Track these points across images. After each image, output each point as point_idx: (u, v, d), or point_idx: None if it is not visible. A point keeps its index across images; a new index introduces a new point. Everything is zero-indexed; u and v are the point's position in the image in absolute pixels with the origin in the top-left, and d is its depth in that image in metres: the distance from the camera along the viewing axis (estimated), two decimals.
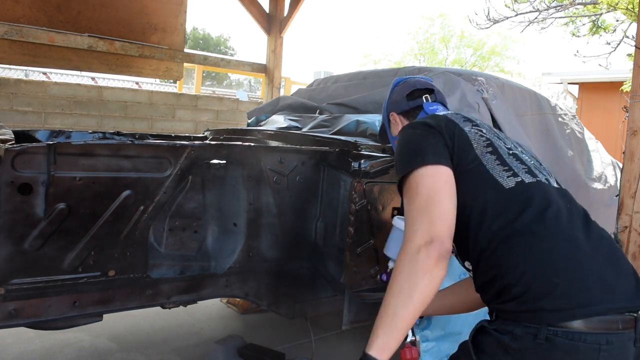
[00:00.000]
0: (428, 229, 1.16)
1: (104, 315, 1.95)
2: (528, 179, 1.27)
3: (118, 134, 2.96)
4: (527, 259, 1.15)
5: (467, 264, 1.33)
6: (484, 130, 1.38)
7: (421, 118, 1.53)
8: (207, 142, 2.56)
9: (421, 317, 2.00)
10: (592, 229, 1.25)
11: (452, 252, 1.22)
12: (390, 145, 2.44)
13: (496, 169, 1.27)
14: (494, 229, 1.21)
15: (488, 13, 7.17)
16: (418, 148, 1.30)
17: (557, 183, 1.36)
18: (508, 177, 1.26)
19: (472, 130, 1.36)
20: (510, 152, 1.35)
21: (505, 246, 1.18)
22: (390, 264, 2.14)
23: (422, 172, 1.24)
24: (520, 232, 1.18)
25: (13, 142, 1.87)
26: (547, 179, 1.32)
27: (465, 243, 1.28)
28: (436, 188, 1.21)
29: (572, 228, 1.21)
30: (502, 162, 1.29)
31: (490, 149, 1.32)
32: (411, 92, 1.70)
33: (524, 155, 1.37)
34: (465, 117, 1.45)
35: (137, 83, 10.26)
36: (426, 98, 1.67)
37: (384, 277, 2.15)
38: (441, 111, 1.62)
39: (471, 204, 1.25)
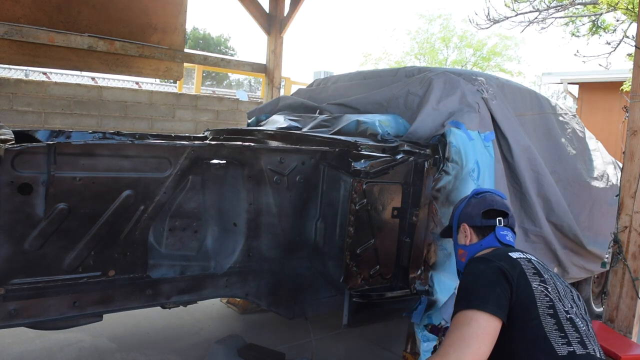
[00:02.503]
0: None
1: (104, 315, 1.95)
2: (579, 350, 1.35)
3: (118, 134, 2.95)
4: None
5: None
6: (549, 289, 1.46)
7: (497, 252, 1.60)
8: (207, 142, 2.55)
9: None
10: None
11: None
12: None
13: (554, 334, 1.36)
14: None
15: (488, 13, 7.19)
16: (483, 291, 1.41)
17: (600, 353, 1.44)
18: (562, 344, 1.35)
19: (539, 287, 1.44)
20: (568, 316, 1.42)
21: None
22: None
23: (476, 317, 1.34)
24: None
25: (13, 142, 1.87)
26: (594, 350, 1.39)
27: None
28: (477, 335, 1.31)
29: None
30: (560, 327, 1.38)
31: (551, 311, 1.40)
32: (487, 210, 1.77)
33: (578, 320, 1.43)
34: (535, 268, 1.50)
35: (137, 83, 10.24)
36: (499, 221, 1.75)
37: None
38: (510, 237, 1.73)
39: None
